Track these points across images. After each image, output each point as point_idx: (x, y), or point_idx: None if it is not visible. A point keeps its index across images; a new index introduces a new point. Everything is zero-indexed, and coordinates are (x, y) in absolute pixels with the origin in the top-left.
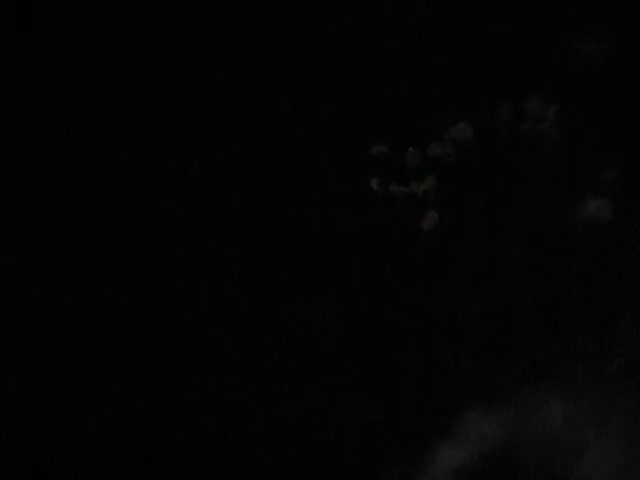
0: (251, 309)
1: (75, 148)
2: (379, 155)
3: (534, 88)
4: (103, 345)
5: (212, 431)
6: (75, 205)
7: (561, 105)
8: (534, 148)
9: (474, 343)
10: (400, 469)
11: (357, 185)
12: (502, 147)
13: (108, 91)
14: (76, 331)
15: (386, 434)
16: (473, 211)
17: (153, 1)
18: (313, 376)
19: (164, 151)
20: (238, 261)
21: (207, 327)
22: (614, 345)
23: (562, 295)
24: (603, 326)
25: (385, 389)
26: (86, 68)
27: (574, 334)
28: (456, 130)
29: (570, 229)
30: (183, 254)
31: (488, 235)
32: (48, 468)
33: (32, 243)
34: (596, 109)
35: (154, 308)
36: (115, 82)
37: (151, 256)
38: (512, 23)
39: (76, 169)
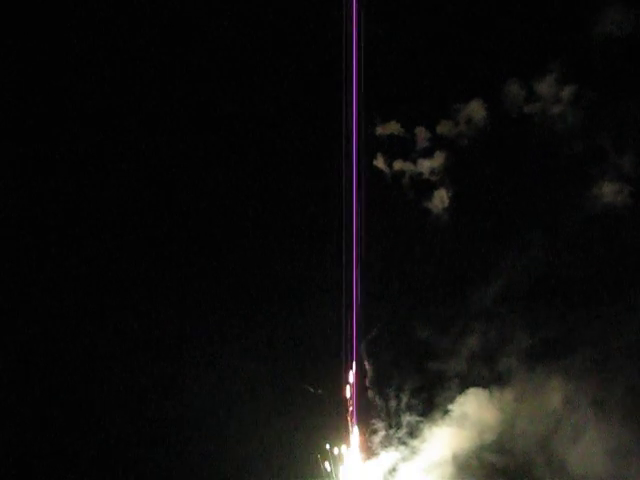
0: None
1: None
2: (387, 133)
3: (547, 67)
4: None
5: None
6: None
7: (577, 85)
8: (547, 129)
9: (477, 322)
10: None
11: (361, 163)
12: (513, 127)
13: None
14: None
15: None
16: (484, 191)
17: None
18: None
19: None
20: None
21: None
22: (615, 327)
23: (567, 276)
24: (606, 308)
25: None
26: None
27: (577, 315)
28: (468, 108)
29: (584, 212)
30: (187, 252)
31: (498, 216)
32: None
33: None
34: (613, 90)
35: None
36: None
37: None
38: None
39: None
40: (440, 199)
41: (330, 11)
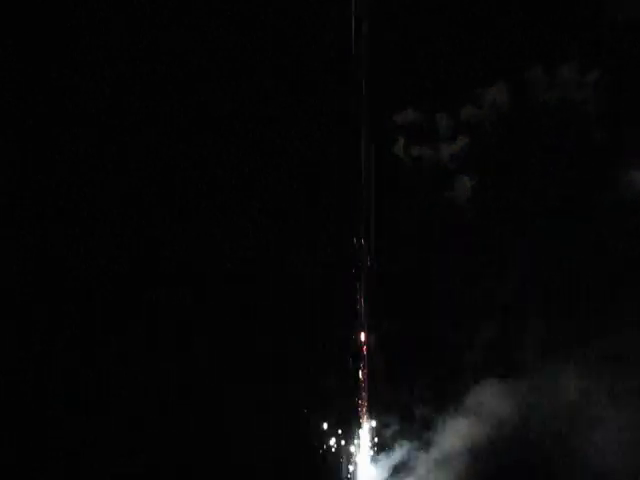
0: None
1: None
2: (406, 121)
3: (571, 52)
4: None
5: None
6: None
7: (602, 71)
8: (570, 115)
9: (492, 314)
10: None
11: (378, 152)
12: (536, 112)
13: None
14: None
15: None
16: (507, 178)
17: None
18: None
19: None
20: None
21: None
22: (633, 317)
23: (583, 269)
24: (623, 301)
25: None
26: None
27: (592, 308)
28: (491, 92)
29: (609, 201)
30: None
31: (521, 205)
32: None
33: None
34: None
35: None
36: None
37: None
38: None
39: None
40: (461, 187)
41: None
